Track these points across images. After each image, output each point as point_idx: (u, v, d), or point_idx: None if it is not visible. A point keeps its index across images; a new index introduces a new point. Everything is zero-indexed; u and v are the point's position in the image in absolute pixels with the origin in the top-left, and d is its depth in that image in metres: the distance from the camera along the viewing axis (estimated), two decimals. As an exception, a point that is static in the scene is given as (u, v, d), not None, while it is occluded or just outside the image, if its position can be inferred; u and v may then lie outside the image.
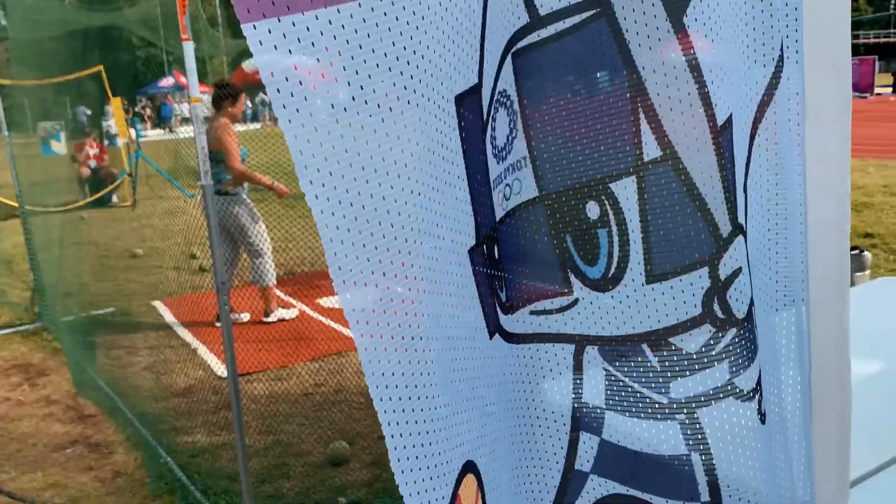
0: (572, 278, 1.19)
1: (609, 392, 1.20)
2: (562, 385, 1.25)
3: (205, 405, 4.46)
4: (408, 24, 0.96)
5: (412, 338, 0.95)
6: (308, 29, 0.90)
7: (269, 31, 0.86)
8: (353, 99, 0.96)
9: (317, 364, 4.98)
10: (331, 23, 0.92)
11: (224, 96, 5.67)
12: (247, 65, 10.32)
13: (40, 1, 7.55)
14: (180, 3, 2.61)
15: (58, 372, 5.25)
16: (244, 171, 5.60)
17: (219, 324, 5.54)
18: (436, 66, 1.00)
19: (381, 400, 0.90)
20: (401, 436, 0.92)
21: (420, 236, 1.01)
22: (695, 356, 1.11)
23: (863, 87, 28.50)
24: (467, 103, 1.10)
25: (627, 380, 1.17)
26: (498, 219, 1.21)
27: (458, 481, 1.01)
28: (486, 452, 1.15)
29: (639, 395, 1.16)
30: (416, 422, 0.94)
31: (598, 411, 1.22)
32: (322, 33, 0.91)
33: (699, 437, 1.14)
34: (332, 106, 0.98)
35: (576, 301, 1.20)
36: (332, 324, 5.86)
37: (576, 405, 1.25)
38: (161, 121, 27.08)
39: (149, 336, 5.92)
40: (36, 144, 9.05)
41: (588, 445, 1.25)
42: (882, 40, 45.52)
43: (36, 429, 4.34)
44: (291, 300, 6.39)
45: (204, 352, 5.42)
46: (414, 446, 0.93)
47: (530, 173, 1.17)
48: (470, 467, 1.06)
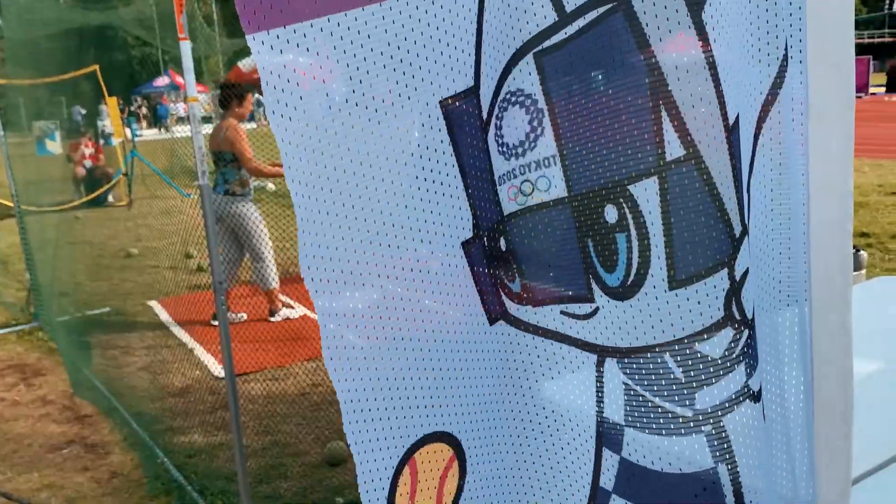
0: (593, 285, 1.14)
1: (628, 408, 1.14)
2: (586, 394, 1.20)
3: (201, 405, 4.45)
4: (395, 35, 1.05)
5: (371, 317, 1.09)
6: (305, 35, 0.99)
7: (278, 38, 0.97)
8: (346, 101, 1.03)
9: (314, 364, 4.97)
10: (323, 30, 1.00)
11: (231, 96, 5.66)
12: (243, 64, 10.29)
13: (35, 0, 7.52)
14: (177, 2, 2.60)
15: (54, 372, 5.24)
16: (260, 168, 5.61)
17: (215, 322, 5.53)
18: (425, 70, 1.10)
19: (336, 370, 1.07)
20: (353, 401, 1.09)
21: (403, 233, 1.12)
22: (719, 361, 1.06)
23: (858, 86, 28.61)
24: (459, 104, 1.16)
25: (648, 394, 1.11)
26: (508, 212, 1.19)
27: (416, 446, 1.17)
28: (471, 429, 1.24)
29: (660, 410, 1.10)
30: (367, 389, 1.10)
31: (618, 427, 1.16)
32: (315, 39, 1.00)
33: (725, 445, 1.08)
34: (329, 107, 1.03)
35: (597, 310, 1.14)
36: (329, 324, 5.84)
37: (598, 418, 1.19)
38: (157, 120, 27.05)
39: (145, 336, 5.91)
40: (31, 144, 9.01)
41: (609, 463, 1.19)
42: (876, 40, 45.68)
43: (32, 429, 4.32)
44: (289, 300, 6.38)
45: (200, 352, 5.41)
46: (365, 410, 1.10)
47: (560, 172, 1.12)
48: (441, 437, 1.20)
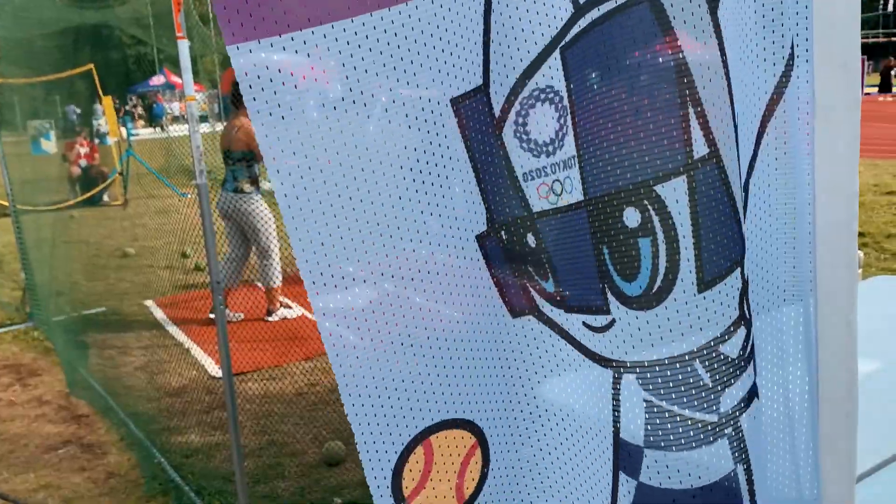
0: (609, 295, 1.07)
1: (650, 427, 1.07)
2: (604, 412, 1.14)
3: (198, 405, 4.43)
4: (405, 38, 1.04)
5: (372, 311, 1.09)
6: (305, 42, 0.99)
7: (272, 45, 0.99)
8: (343, 99, 1.03)
9: (311, 363, 4.96)
10: (326, 37, 1.00)
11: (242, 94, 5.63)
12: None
13: (30, -1, 7.50)
14: (175, 1, 2.59)
15: (49, 372, 5.22)
16: None
17: (212, 315, 5.52)
18: (434, 71, 1.09)
19: (341, 366, 1.07)
20: (358, 395, 1.09)
21: (406, 225, 1.11)
22: (736, 361, 1.03)
23: (853, 87, 28.74)
24: (470, 102, 1.14)
25: (676, 407, 1.04)
26: (538, 210, 1.16)
27: (433, 430, 1.17)
28: (493, 418, 1.23)
29: (689, 422, 1.04)
30: (374, 379, 1.10)
31: (637, 450, 1.09)
32: (317, 45, 1.00)
33: (741, 445, 1.06)
34: (323, 105, 1.03)
35: (612, 322, 1.08)
36: (327, 323, 5.83)
37: (614, 439, 1.13)
38: (152, 119, 26.99)
39: (141, 335, 5.89)
40: (26, 143, 8.99)
41: (626, 489, 1.13)
42: (871, 40, 45.80)
43: (28, 429, 4.30)
44: (287, 300, 6.37)
45: (197, 351, 5.39)
46: (370, 397, 1.10)
47: (577, 174, 1.07)
48: (462, 425, 1.19)
